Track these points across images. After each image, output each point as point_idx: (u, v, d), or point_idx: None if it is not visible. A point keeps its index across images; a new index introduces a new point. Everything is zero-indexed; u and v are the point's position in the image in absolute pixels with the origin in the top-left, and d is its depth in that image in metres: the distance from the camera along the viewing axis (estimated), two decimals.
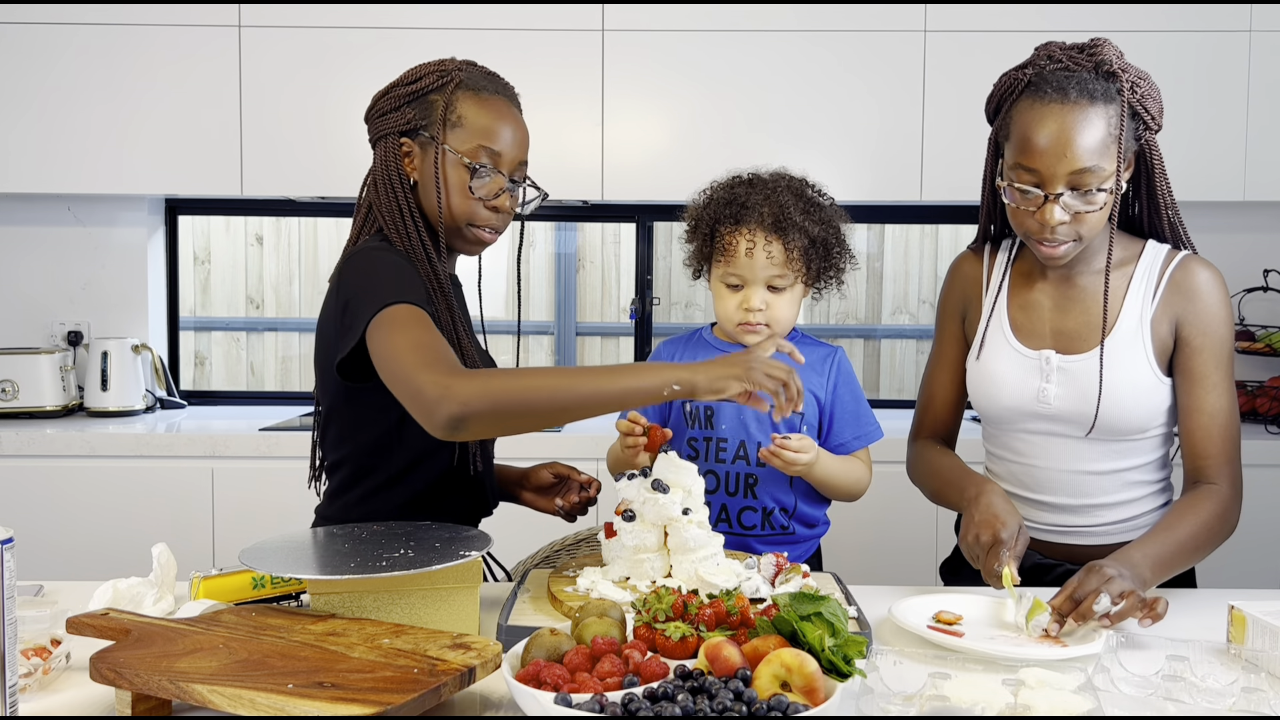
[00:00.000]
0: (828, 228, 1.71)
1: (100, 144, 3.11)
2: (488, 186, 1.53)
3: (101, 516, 2.94)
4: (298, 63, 3.08)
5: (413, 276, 1.46)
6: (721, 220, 1.71)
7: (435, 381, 1.27)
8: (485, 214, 1.54)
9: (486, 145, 1.52)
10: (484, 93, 1.54)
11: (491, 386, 1.28)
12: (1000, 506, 1.48)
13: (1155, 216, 1.62)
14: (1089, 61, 1.51)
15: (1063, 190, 1.49)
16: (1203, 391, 1.57)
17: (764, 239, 1.68)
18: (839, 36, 3.11)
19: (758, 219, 1.68)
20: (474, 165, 1.51)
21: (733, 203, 1.71)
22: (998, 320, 1.67)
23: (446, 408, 1.26)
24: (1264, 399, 3.18)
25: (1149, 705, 1.16)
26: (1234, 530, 1.57)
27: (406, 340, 1.33)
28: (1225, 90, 3.08)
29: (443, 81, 1.53)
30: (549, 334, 4.39)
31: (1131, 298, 1.59)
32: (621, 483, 1.51)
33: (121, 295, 3.45)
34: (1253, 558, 2.82)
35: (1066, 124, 1.47)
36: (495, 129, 1.53)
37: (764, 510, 1.74)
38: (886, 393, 4.25)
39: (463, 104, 1.52)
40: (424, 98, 1.53)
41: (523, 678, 1.08)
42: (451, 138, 1.52)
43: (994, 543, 1.43)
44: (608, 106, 3.13)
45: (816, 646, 1.10)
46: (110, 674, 1.09)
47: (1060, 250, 1.54)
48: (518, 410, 1.28)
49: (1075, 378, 1.59)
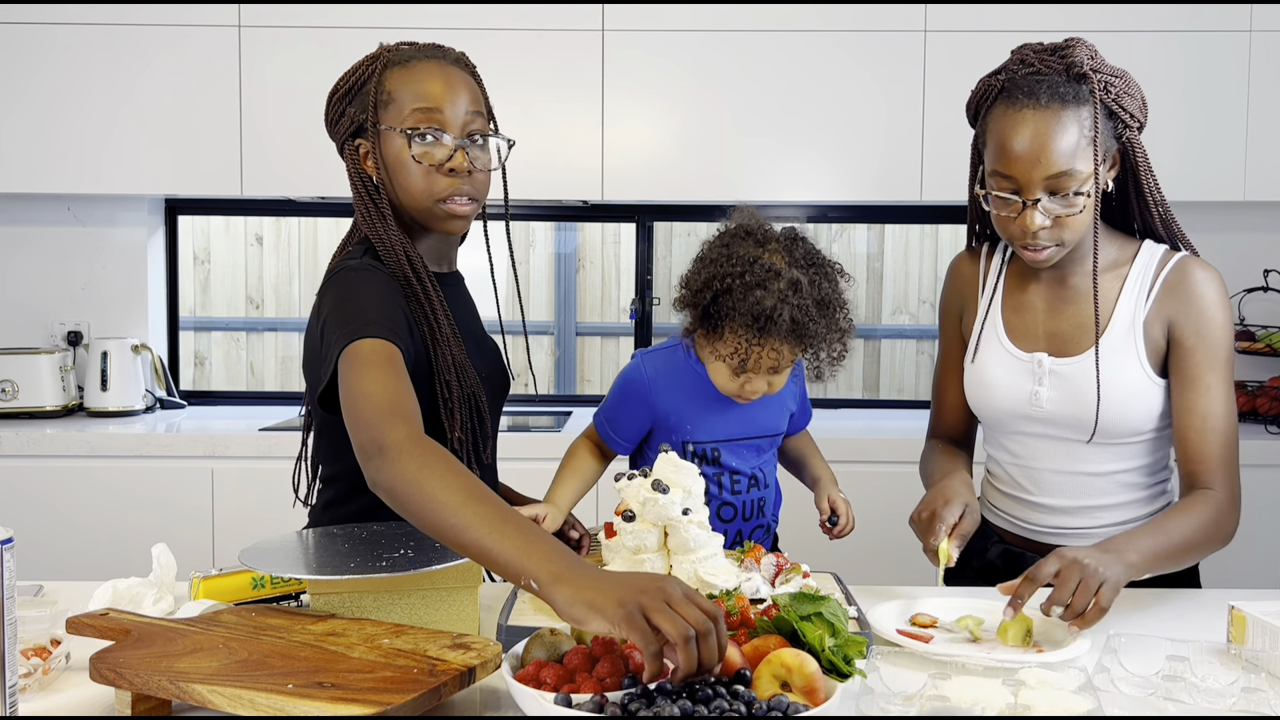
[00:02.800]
0: (844, 338, 1.62)
1: (100, 144, 3.11)
2: (433, 150, 1.44)
3: (101, 516, 2.94)
4: (297, 62, 3.08)
5: (387, 299, 1.41)
6: (741, 326, 1.55)
7: (379, 438, 1.22)
8: (445, 182, 1.45)
9: (419, 108, 1.43)
10: (411, 61, 1.46)
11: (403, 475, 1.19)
12: (951, 487, 1.50)
13: (1146, 214, 1.61)
14: (1060, 64, 1.50)
15: (1041, 196, 1.48)
16: (1195, 394, 1.55)
17: (788, 351, 1.58)
18: (839, 36, 3.10)
19: (778, 333, 1.54)
20: (408, 131, 1.43)
21: (757, 315, 1.53)
22: (992, 322, 1.67)
23: (376, 471, 1.21)
24: (1264, 399, 3.18)
25: (1149, 705, 1.16)
26: (1229, 539, 1.54)
27: (364, 386, 1.28)
28: (1225, 90, 3.08)
29: (370, 69, 1.47)
30: (549, 334, 4.39)
31: (1125, 299, 1.59)
32: (622, 482, 1.51)
33: (121, 295, 3.45)
34: (1253, 558, 2.82)
35: (1040, 129, 1.46)
36: (424, 89, 1.44)
37: (768, 526, 1.80)
38: (886, 392, 4.25)
39: (389, 80, 1.45)
40: (359, 91, 1.48)
41: (523, 678, 1.08)
42: (385, 116, 1.45)
43: (932, 518, 1.45)
44: (608, 106, 3.13)
45: (816, 646, 1.10)
46: (110, 674, 1.09)
47: (1043, 254, 1.53)
48: (407, 510, 1.19)
49: (1067, 380, 1.59)
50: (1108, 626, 1.39)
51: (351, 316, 1.36)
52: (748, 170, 3.12)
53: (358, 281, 1.42)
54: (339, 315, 1.38)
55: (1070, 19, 3.02)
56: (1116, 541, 1.43)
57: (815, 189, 3.17)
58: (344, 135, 1.51)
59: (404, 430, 1.24)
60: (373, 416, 1.25)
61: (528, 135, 3.13)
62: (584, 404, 3.69)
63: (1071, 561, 1.33)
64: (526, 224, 4.32)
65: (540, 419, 3.45)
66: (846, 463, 2.82)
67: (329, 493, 1.59)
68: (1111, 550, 1.39)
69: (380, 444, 1.22)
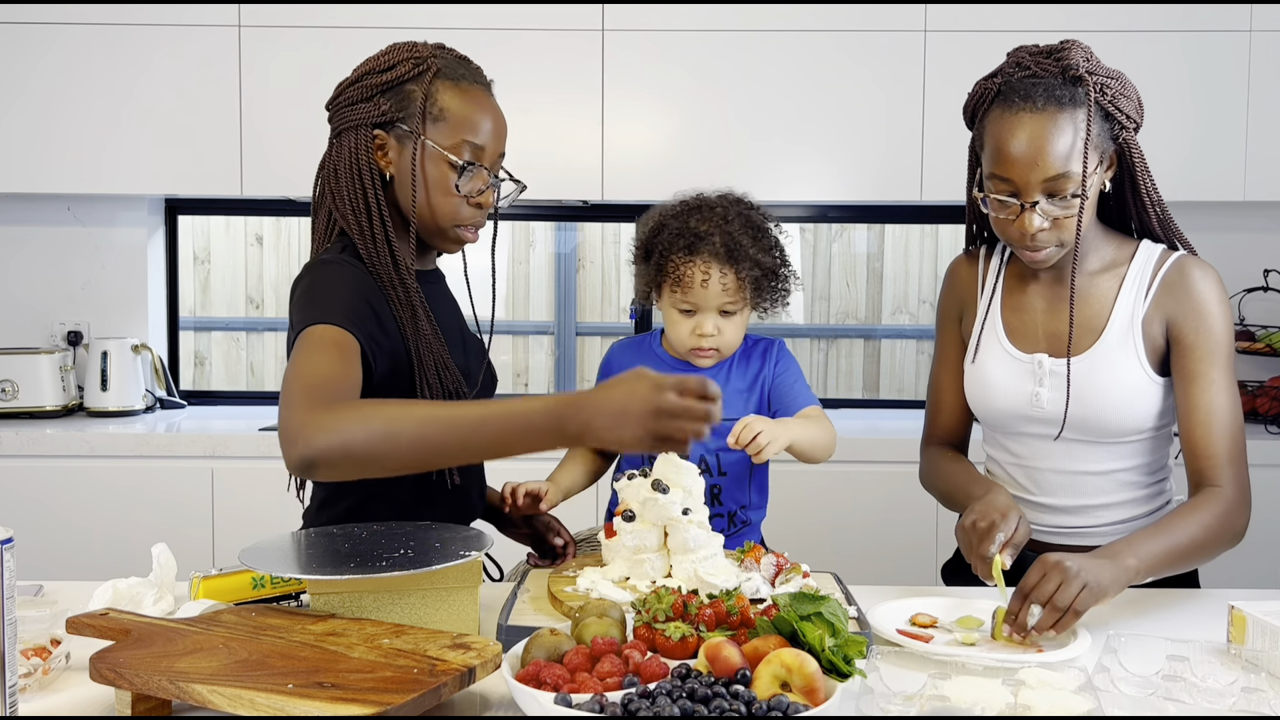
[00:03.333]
0: (777, 255, 1.76)
1: (100, 144, 3.11)
2: (473, 183, 1.46)
3: (101, 516, 2.94)
4: (297, 62, 3.08)
5: (353, 292, 1.40)
6: (674, 249, 1.72)
7: (294, 419, 1.19)
8: (469, 212, 1.47)
9: (470, 140, 1.44)
10: (463, 82, 1.46)
11: (346, 425, 1.17)
12: (1003, 501, 1.49)
13: (1144, 214, 1.61)
14: (1056, 66, 1.50)
15: (1039, 198, 1.49)
16: (1198, 390, 1.55)
17: (718, 269, 1.70)
18: (839, 36, 3.10)
19: (710, 249, 1.70)
20: (460, 163, 1.44)
21: (685, 233, 1.72)
22: (992, 323, 1.67)
23: (296, 449, 1.18)
24: (1264, 399, 3.18)
25: (1149, 705, 1.16)
26: (1241, 536, 1.53)
27: (300, 367, 1.27)
28: (1225, 90, 3.08)
29: (419, 70, 1.44)
30: (549, 334, 4.39)
31: (1123, 299, 1.59)
32: (622, 483, 1.51)
33: (121, 295, 3.45)
34: (1253, 558, 2.81)
35: (1036, 132, 1.47)
36: (478, 122, 1.45)
37: (729, 514, 1.79)
38: (886, 392, 4.25)
39: (443, 95, 1.44)
40: (400, 87, 1.44)
41: (523, 678, 1.08)
42: (433, 132, 1.44)
43: (990, 529, 1.42)
44: (608, 106, 3.13)
45: (816, 646, 1.10)
46: (110, 674, 1.09)
47: (1042, 255, 1.54)
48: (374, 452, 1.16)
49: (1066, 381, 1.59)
50: (1108, 626, 1.39)
51: (311, 304, 1.36)
52: (748, 170, 3.12)
53: (326, 274, 1.42)
54: (301, 305, 1.38)
55: (1070, 19, 3.02)
56: (1117, 546, 1.43)
57: (815, 189, 3.17)
58: (361, 121, 1.46)
59: (332, 402, 1.21)
60: (298, 394, 1.22)
61: (528, 135, 3.15)
62: None
63: (1054, 564, 1.33)
64: (527, 224, 4.32)
65: None
66: (846, 463, 2.82)
67: (321, 492, 1.59)
68: (1108, 555, 1.39)
69: (299, 420, 1.19)
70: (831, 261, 4.23)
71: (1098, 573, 1.33)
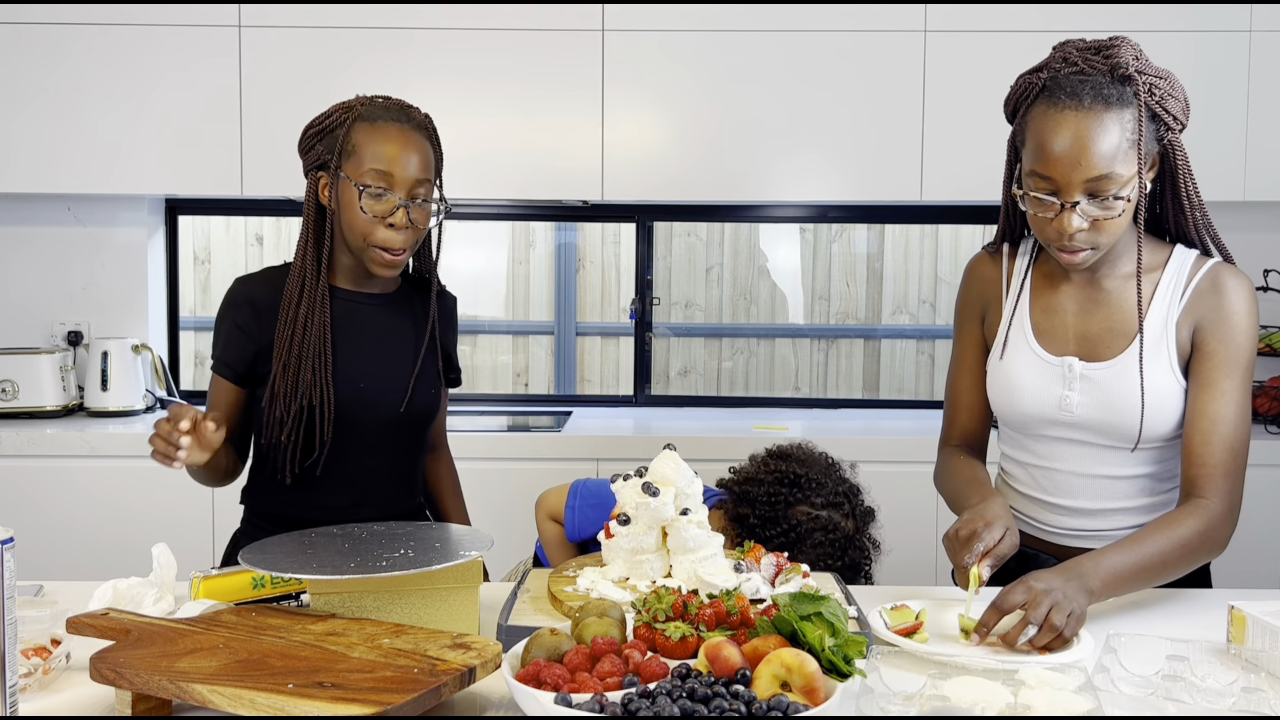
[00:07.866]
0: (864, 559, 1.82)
1: (100, 144, 3.11)
2: (379, 206, 1.64)
3: (101, 516, 2.94)
4: (298, 62, 3.08)
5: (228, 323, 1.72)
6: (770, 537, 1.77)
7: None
8: (383, 233, 1.65)
9: (375, 168, 1.64)
10: (378, 122, 1.67)
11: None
12: (994, 510, 1.46)
13: (1181, 217, 1.58)
14: (1105, 64, 1.47)
15: (1079, 198, 1.46)
16: (1208, 398, 1.53)
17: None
18: (839, 36, 3.10)
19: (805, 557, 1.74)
20: (361, 186, 1.64)
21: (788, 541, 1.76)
22: (1019, 324, 1.64)
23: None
24: (1264, 399, 3.19)
25: (1149, 705, 1.16)
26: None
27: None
28: (1225, 90, 3.08)
29: (344, 118, 1.68)
30: (549, 334, 4.39)
31: (1158, 303, 1.56)
32: (618, 484, 1.51)
33: (121, 295, 3.45)
34: (1253, 558, 2.82)
35: (1081, 131, 1.44)
36: (383, 152, 1.65)
37: None
38: (886, 392, 4.25)
39: (356, 134, 1.66)
40: (330, 134, 1.68)
41: (523, 678, 1.08)
42: (347, 166, 1.66)
43: (970, 538, 1.41)
44: (608, 106, 3.13)
45: (816, 646, 1.10)
46: (110, 674, 1.09)
47: (1079, 257, 1.51)
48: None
49: (1098, 385, 1.57)
50: (1108, 626, 1.39)
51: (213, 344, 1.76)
52: (748, 170, 3.12)
53: (222, 309, 1.74)
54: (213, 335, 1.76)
55: (1070, 19, 3.02)
56: (1083, 565, 1.40)
57: (815, 189, 3.17)
58: (309, 166, 1.72)
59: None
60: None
61: (528, 135, 3.15)
62: (584, 404, 3.69)
63: (1041, 591, 1.31)
64: (527, 224, 4.32)
65: (540, 419, 3.45)
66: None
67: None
68: (1076, 576, 1.37)
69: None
70: (831, 261, 4.23)
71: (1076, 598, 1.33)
